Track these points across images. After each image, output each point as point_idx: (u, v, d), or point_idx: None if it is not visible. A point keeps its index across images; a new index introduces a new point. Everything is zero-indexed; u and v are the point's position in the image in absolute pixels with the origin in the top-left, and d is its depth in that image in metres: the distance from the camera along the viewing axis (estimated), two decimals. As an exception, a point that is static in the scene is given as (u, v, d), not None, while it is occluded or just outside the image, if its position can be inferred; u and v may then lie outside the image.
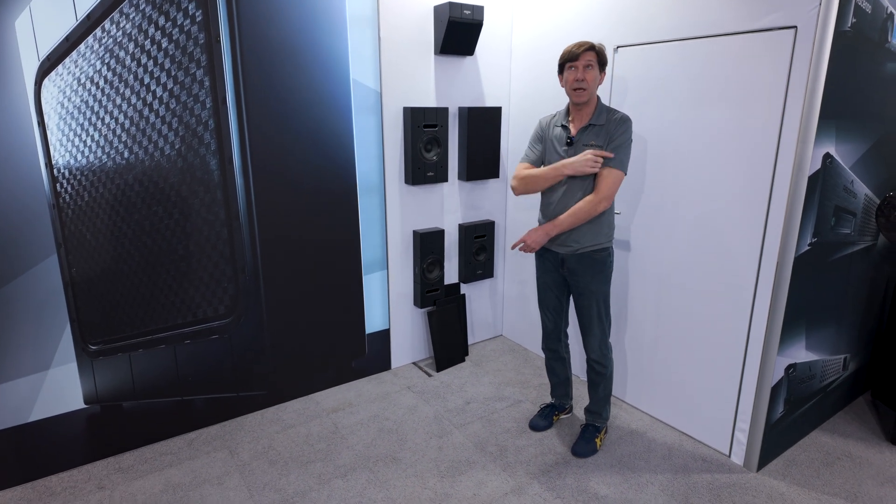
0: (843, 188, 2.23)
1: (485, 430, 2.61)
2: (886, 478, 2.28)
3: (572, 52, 2.09)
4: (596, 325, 2.32)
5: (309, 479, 2.26)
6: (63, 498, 2.15)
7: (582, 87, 2.09)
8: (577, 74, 2.09)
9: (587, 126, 2.16)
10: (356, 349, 3.06)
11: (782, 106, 2.00)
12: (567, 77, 2.14)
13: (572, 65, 2.10)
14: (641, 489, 2.21)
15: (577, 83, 2.09)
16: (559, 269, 2.34)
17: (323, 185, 2.70)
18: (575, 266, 2.26)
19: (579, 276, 2.27)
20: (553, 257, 2.32)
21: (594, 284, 2.26)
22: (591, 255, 2.23)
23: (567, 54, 2.11)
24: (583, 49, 2.08)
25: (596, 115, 2.15)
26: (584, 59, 2.08)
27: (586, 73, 2.08)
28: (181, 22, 2.19)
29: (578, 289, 2.30)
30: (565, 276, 2.33)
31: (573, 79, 2.10)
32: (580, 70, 2.08)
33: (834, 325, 2.51)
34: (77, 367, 2.27)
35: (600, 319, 2.32)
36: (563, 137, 2.20)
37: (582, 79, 2.08)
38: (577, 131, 2.17)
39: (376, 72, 2.75)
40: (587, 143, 2.14)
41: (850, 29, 1.93)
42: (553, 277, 2.38)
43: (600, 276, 2.26)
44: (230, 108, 2.36)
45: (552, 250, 2.31)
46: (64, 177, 2.11)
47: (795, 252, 2.06)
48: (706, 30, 2.21)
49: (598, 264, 2.24)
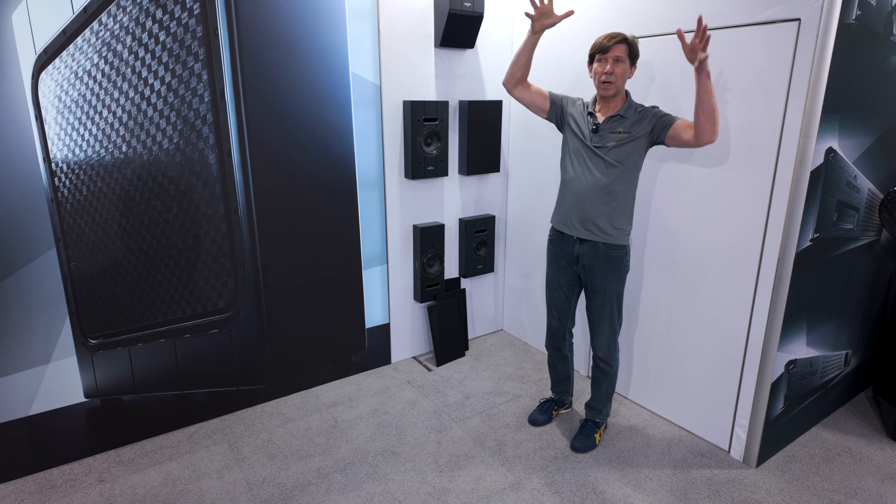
0: (846, 183, 2.21)
1: (484, 424, 2.61)
2: (887, 474, 2.28)
3: (603, 44, 2.04)
4: (606, 324, 2.31)
5: (308, 472, 2.27)
6: (63, 491, 2.16)
7: (610, 80, 2.05)
8: (605, 67, 2.04)
9: (614, 116, 2.11)
10: (356, 343, 3.06)
11: (785, 99, 1.97)
12: (596, 69, 2.09)
13: (602, 57, 2.06)
14: (640, 484, 2.21)
15: (606, 76, 2.05)
16: (573, 266, 2.30)
17: (322, 179, 2.69)
18: (591, 263, 2.23)
19: (595, 273, 2.24)
20: (568, 253, 2.29)
21: (608, 283, 2.24)
22: (606, 253, 2.20)
23: (598, 45, 2.06)
24: (614, 41, 2.02)
25: (624, 108, 2.11)
26: (614, 52, 2.03)
27: (615, 67, 2.04)
28: (179, 15, 2.18)
29: (593, 286, 2.28)
30: (580, 273, 2.30)
31: (601, 71, 2.06)
32: (609, 63, 2.04)
33: (835, 321, 2.49)
34: (77, 361, 2.28)
35: (611, 319, 2.30)
36: (589, 123, 2.16)
37: (610, 72, 2.04)
38: (604, 120, 2.14)
39: (376, 65, 2.74)
40: (614, 130, 2.11)
41: (854, 21, 1.90)
42: (566, 275, 2.35)
43: (615, 275, 2.23)
44: (228, 101, 2.34)
45: (569, 237, 2.26)
46: (62, 171, 2.11)
47: (797, 248, 2.05)
48: (708, 22, 2.17)
49: (615, 263, 2.21)
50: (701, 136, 1.92)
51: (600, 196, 2.14)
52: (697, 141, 1.94)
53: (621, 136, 2.09)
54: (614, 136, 2.10)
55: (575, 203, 2.20)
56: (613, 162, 2.11)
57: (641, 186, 2.52)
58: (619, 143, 2.09)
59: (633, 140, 2.08)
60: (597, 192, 2.14)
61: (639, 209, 2.55)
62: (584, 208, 2.17)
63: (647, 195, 2.53)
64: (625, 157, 2.10)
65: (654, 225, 2.53)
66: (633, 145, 2.09)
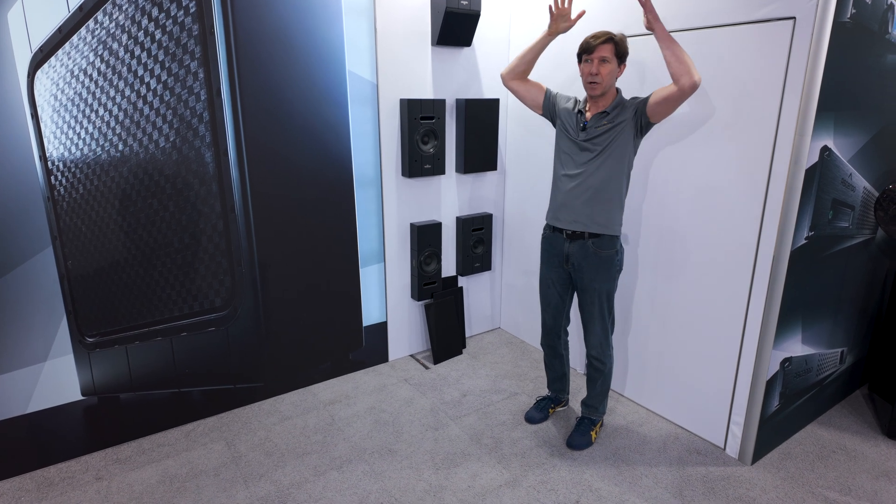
0: (842, 181, 2.22)
1: (481, 422, 2.62)
2: (881, 471, 2.29)
3: (589, 44, 2.05)
4: (598, 323, 2.32)
5: (305, 470, 2.28)
6: (61, 488, 2.16)
7: (595, 80, 2.06)
8: (591, 68, 2.06)
9: (602, 113, 2.13)
10: (353, 341, 3.06)
11: (780, 98, 1.98)
12: (582, 69, 2.11)
13: (587, 57, 2.07)
14: (636, 482, 2.21)
15: (591, 77, 2.06)
16: (563, 266, 2.32)
17: (319, 177, 2.69)
18: (580, 262, 2.24)
19: (584, 272, 2.25)
20: (559, 252, 2.30)
21: (597, 282, 2.25)
22: (596, 252, 2.21)
23: (583, 46, 2.08)
24: (599, 41, 2.03)
25: (612, 105, 2.13)
26: (600, 52, 2.04)
27: (601, 68, 2.05)
28: (175, 13, 2.18)
29: (582, 285, 2.29)
30: (570, 271, 2.31)
31: (587, 72, 2.07)
32: (595, 64, 2.05)
33: (831, 319, 2.50)
34: (74, 359, 2.28)
35: (602, 317, 2.31)
36: (580, 122, 2.18)
37: (596, 72, 2.05)
38: (592, 117, 2.15)
39: (372, 63, 2.74)
40: (599, 124, 2.12)
41: (849, 20, 1.90)
42: (558, 273, 2.36)
43: (605, 275, 2.24)
44: (225, 99, 2.34)
45: (559, 237, 2.27)
46: (58, 169, 2.11)
47: (792, 245, 2.05)
48: (703, 21, 2.18)
49: (605, 262, 2.22)
50: (678, 81, 1.89)
51: (589, 190, 2.16)
52: (679, 87, 1.90)
53: (604, 126, 2.11)
54: (598, 128, 2.12)
55: (565, 198, 2.22)
56: (599, 152, 2.12)
57: (636, 185, 2.53)
58: (601, 132, 2.11)
59: (615, 126, 2.09)
60: (585, 185, 2.16)
61: (633, 207, 2.56)
62: (574, 203, 2.19)
63: (641, 193, 2.53)
64: (609, 143, 2.10)
65: (649, 223, 2.54)
66: (616, 131, 2.09)
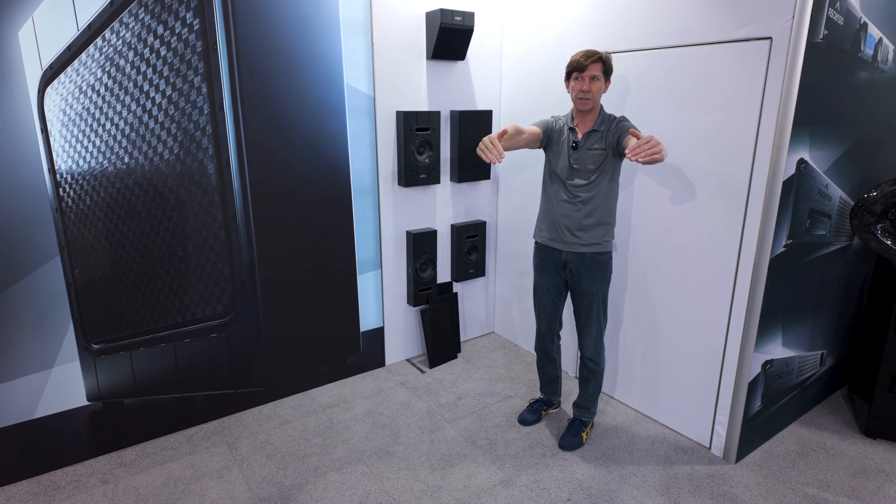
0: (818, 192, 2.33)
1: (475, 424, 2.70)
2: (859, 468, 2.39)
3: (580, 63, 2.15)
4: (594, 325, 2.41)
5: (305, 472, 2.35)
6: (67, 492, 2.22)
7: (587, 97, 2.17)
8: (582, 86, 2.16)
9: (591, 131, 2.23)
10: (351, 346, 3.13)
11: (758, 114, 2.08)
12: (573, 86, 2.20)
13: (579, 75, 2.17)
14: (624, 480, 2.30)
15: (583, 94, 2.17)
16: (560, 273, 2.40)
17: (318, 187, 2.77)
18: (578, 268, 2.34)
19: (582, 277, 2.35)
20: (556, 260, 2.39)
21: (595, 286, 2.35)
22: (593, 258, 2.30)
23: (574, 64, 2.17)
24: (590, 61, 2.13)
25: (599, 121, 2.23)
26: (591, 70, 2.14)
27: (591, 85, 2.15)
28: (179, 30, 2.26)
29: (580, 290, 2.38)
30: (567, 278, 2.40)
31: (579, 89, 2.17)
32: (586, 82, 2.15)
33: (811, 323, 2.60)
34: (80, 366, 2.34)
35: (598, 320, 2.41)
36: (570, 141, 2.27)
37: (587, 90, 2.15)
38: (583, 136, 2.25)
39: (369, 77, 2.82)
40: (591, 147, 2.22)
41: (822, 40, 2.01)
42: (553, 281, 2.44)
43: (601, 279, 2.35)
44: (227, 113, 2.42)
45: (556, 249, 2.36)
46: (66, 182, 2.18)
47: (771, 253, 2.15)
48: (684, 39, 2.29)
49: (601, 267, 2.33)
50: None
51: (583, 211, 2.26)
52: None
53: (597, 153, 2.21)
54: (591, 153, 2.22)
55: (558, 220, 2.32)
56: (593, 178, 2.22)
57: (623, 196, 2.63)
58: (594, 159, 2.22)
59: (605, 153, 2.21)
60: (579, 207, 2.26)
61: (622, 217, 2.66)
62: (569, 224, 2.29)
63: (628, 204, 2.63)
64: (601, 170, 2.22)
65: (636, 232, 2.63)
66: (605, 157, 2.21)
